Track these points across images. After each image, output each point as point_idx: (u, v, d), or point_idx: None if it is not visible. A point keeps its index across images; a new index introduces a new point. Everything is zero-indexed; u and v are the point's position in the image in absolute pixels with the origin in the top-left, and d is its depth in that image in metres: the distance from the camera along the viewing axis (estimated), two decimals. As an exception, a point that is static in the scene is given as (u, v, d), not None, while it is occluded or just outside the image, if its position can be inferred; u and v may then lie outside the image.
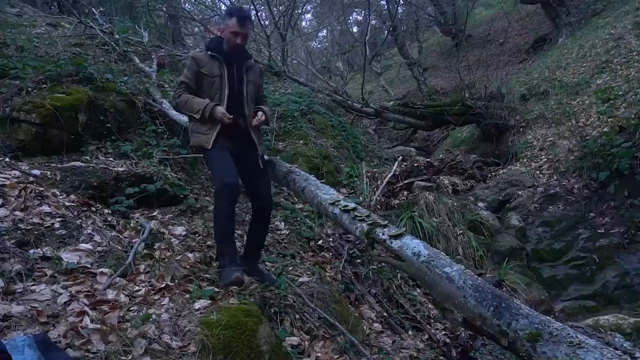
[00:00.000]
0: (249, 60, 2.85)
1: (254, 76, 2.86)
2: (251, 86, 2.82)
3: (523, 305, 2.04)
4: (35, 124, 3.34)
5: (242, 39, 2.70)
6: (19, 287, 1.94)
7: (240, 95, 2.76)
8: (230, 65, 2.74)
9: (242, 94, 2.77)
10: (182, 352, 1.87)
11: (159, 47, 7.66)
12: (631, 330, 3.65)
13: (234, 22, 2.66)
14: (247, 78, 2.80)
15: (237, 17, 2.67)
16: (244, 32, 2.69)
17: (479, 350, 3.36)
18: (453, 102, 8.83)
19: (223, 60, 2.72)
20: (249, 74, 2.83)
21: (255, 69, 2.91)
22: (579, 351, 1.73)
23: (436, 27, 17.72)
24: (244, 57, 2.83)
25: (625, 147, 5.27)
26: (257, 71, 2.92)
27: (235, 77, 2.76)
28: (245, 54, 2.86)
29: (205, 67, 2.72)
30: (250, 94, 2.81)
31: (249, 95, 2.80)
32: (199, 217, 3.48)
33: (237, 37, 2.68)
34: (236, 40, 2.68)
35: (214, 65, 2.72)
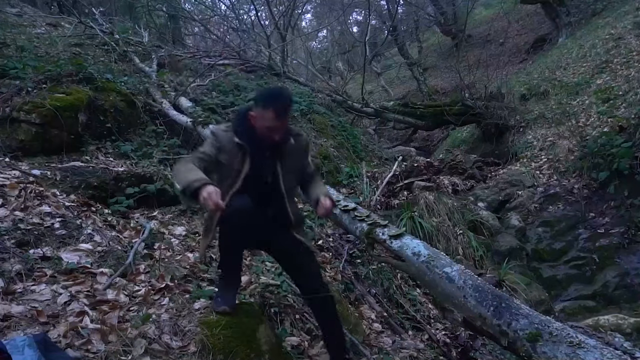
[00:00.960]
0: (288, 142, 2.16)
1: (294, 160, 2.20)
2: (289, 178, 2.18)
3: (523, 305, 2.04)
4: (35, 124, 3.34)
5: (280, 133, 2.06)
6: (19, 287, 1.94)
7: (277, 190, 2.15)
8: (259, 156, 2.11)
9: (279, 189, 2.16)
10: (182, 352, 1.87)
11: (159, 47, 7.66)
12: (631, 330, 3.65)
13: (271, 115, 2.00)
14: (284, 168, 2.15)
15: (275, 110, 1.99)
16: (284, 124, 2.07)
17: (479, 350, 3.36)
18: (453, 102, 8.82)
19: (249, 150, 2.08)
20: (286, 162, 2.16)
21: (299, 146, 2.23)
22: (579, 351, 1.73)
23: (436, 27, 17.71)
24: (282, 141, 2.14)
25: (625, 147, 5.27)
26: (299, 149, 2.24)
27: (267, 170, 2.13)
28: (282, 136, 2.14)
29: (224, 154, 2.10)
30: (289, 186, 2.19)
31: (287, 187, 2.17)
32: (199, 217, 3.48)
33: (274, 133, 2.03)
34: (273, 137, 2.04)
35: (236, 156, 2.08)
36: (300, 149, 2.26)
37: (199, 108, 4.85)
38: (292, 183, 2.23)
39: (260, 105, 2.06)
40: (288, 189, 2.19)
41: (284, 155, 2.17)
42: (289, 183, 2.20)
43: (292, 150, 2.19)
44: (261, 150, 2.11)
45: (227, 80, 6.94)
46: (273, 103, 2.02)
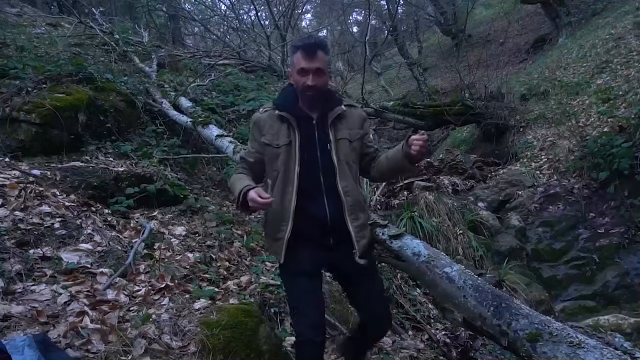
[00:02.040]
0: (337, 107, 1.90)
1: (347, 129, 1.91)
2: (344, 146, 1.88)
3: (523, 305, 2.04)
4: (35, 124, 3.35)
5: (314, 77, 1.79)
6: (19, 287, 1.94)
7: (327, 166, 1.85)
8: (306, 125, 1.86)
9: (330, 163, 1.84)
10: (182, 352, 1.87)
11: (159, 47, 7.67)
12: (631, 330, 3.65)
13: (299, 55, 1.81)
14: (337, 135, 1.87)
15: (302, 48, 1.80)
16: (315, 66, 1.79)
17: (479, 350, 3.36)
18: (453, 102, 8.82)
19: (294, 119, 1.86)
20: (339, 127, 1.89)
21: (351, 117, 1.94)
22: (579, 351, 1.73)
23: (436, 27, 17.71)
24: (329, 105, 1.90)
25: (625, 147, 5.27)
26: (354, 120, 1.95)
27: (317, 140, 1.86)
28: (329, 100, 1.92)
29: (267, 134, 1.88)
30: (346, 157, 1.87)
31: (343, 159, 1.86)
32: (199, 217, 3.48)
33: (306, 75, 1.79)
34: (306, 82, 1.79)
35: (280, 130, 1.87)
36: (357, 117, 1.96)
37: (199, 108, 4.85)
38: (347, 155, 1.89)
39: (290, 53, 1.91)
40: (341, 160, 1.86)
41: (335, 120, 1.89)
42: (343, 153, 1.87)
43: (345, 117, 1.92)
44: (307, 120, 1.87)
45: (227, 80, 6.94)
46: (300, 42, 1.85)
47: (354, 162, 1.93)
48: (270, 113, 1.92)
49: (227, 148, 3.98)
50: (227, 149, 3.96)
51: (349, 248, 1.85)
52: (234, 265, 2.97)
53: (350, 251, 1.84)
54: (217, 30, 12.28)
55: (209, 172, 4.59)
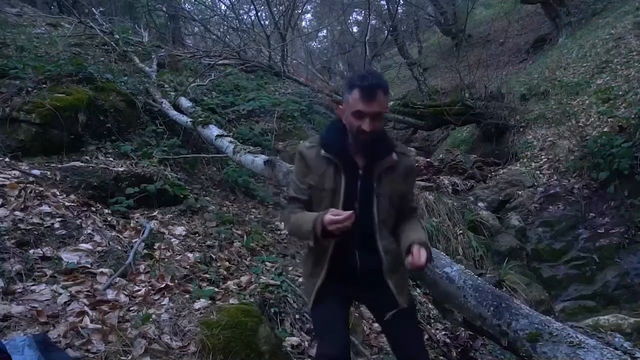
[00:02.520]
0: (387, 158, 1.71)
1: (392, 184, 1.72)
2: (385, 203, 1.71)
3: (523, 305, 2.05)
4: (35, 124, 3.35)
5: (372, 122, 1.61)
6: (19, 287, 1.95)
7: (365, 222, 1.70)
8: (350, 172, 1.70)
9: (369, 219, 1.70)
10: (182, 352, 1.87)
11: (159, 47, 7.67)
12: (631, 330, 3.65)
13: (356, 96, 1.60)
14: (380, 190, 1.70)
15: (362, 89, 1.59)
16: (375, 110, 1.60)
17: (479, 350, 3.36)
18: (453, 102, 8.82)
19: (342, 164, 1.70)
20: (384, 181, 1.70)
21: (399, 170, 1.74)
22: (579, 351, 1.73)
23: (436, 27, 17.72)
24: (379, 153, 1.71)
25: (625, 147, 5.27)
26: (401, 173, 1.75)
27: (358, 192, 1.70)
28: (380, 145, 1.71)
29: (313, 175, 1.73)
30: (385, 216, 1.73)
31: (381, 216, 1.71)
32: (199, 217, 3.48)
33: (363, 119, 1.60)
34: (362, 126, 1.60)
35: (326, 173, 1.70)
36: (404, 171, 1.76)
37: (199, 108, 4.85)
38: (387, 213, 1.74)
39: (346, 89, 1.68)
40: (382, 219, 1.72)
41: (382, 173, 1.71)
42: (384, 212, 1.72)
43: (393, 169, 1.73)
44: (353, 166, 1.71)
45: (227, 80, 6.95)
46: (358, 81, 1.62)
47: (391, 219, 1.78)
48: (317, 151, 1.74)
49: (227, 148, 3.98)
50: (227, 149, 3.97)
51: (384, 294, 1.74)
52: (234, 265, 2.97)
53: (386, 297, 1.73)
54: (217, 30, 12.29)
55: (209, 172, 4.60)
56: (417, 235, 1.68)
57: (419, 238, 1.64)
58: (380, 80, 1.66)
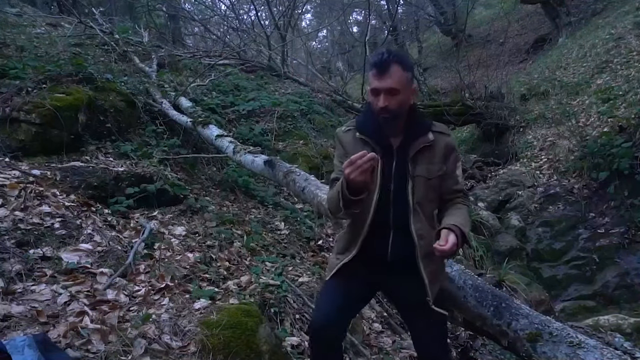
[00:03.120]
0: (422, 137, 1.67)
1: (428, 164, 1.67)
2: (420, 185, 1.65)
3: (523, 305, 2.05)
4: (35, 124, 3.34)
5: (386, 98, 1.58)
6: (19, 287, 1.94)
7: (400, 205, 1.66)
8: (386, 153, 1.65)
9: (404, 202, 1.65)
10: (182, 352, 1.87)
11: (159, 47, 7.67)
12: (631, 330, 3.65)
13: (371, 73, 1.62)
14: (415, 171, 1.65)
15: (374, 65, 1.60)
16: (387, 85, 1.57)
17: (479, 350, 3.36)
18: (453, 102, 8.82)
19: (376, 145, 1.67)
20: (420, 161, 1.66)
21: (437, 149, 1.69)
22: (579, 351, 1.73)
23: (436, 27, 17.71)
24: (414, 133, 1.67)
25: (625, 147, 5.27)
26: (439, 152, 1.69)
27: (393, 174, 1.66)
28: (415, 125, 1.69)
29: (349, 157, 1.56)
30: (421, 198, 1.66)
31: (418, 200, 1.65)
32: (198, 217, 3.48)
33: (377, 96, 1.60)
34: (377, 103, 1.60)
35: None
36: (442, 150, 1.69)
37: (199, 108, 4.85)
38: (424, 195, 1.66)
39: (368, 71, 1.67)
40: (417, 201, 1.65)
41: (418, 153, 1.65)
42: (420, 194, 1.65)
43: (429, 149, 1.67)
44: (387, 147, 1.67)
45: (227, 80, 6.95)
46: (373, 58, 1.63)
47: (431, 202, 1.70)
48: (353, 134, 1.74)
49: (227, 148, 3.98)
50: (227, 149, 3.97)
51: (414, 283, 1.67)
52: (234, 265, 2.97)
53: (416, 287, 1.66)
54: (217, 30, 12.28)
55: (209, 172, 4.60)
56: (453, 219, 1.60)
57: (454, 222, 1.56)
58: (396, 55, 1.60)
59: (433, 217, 1.71)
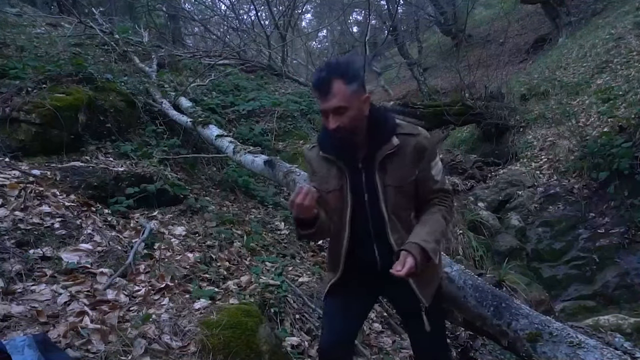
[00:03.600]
0: (386, 145, 1.57)
1: (399, 170, 1.58)
2: (393, 195, 1.59)
3: (523, 305, 2.05)
4: (35, 124, 3.34)
5: (335, 118, 1.49)
6: (19, 287, 1.95)
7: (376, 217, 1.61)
8: (353, 168, 1.60)
9: (379, 214, 1.60)
10: (182, 352, 1.87)
11: (159, 47, 7.67)
12: (631, 330, 3.65)
13: (315, 94, 1.54)
14: (384, 181, 1.58)
15: (313, 85, 1.55)
16: (332, 105, 1.48)
17: (479, 350, 3.36)
18: (453, 102, 8.81)
19: (341, 161, 1.61)
20: (389, 169, 1.58)
21: (406, 152, 1.57)
22: (579, 351, 1.73)
23: (436, 27, 17.71)
24: (377, 142, 1.58)
25: (625, 147, 5.27)
26: (408, 155, 1.57)
27: (364, 188, 1.60)
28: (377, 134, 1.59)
29: (317, 178, 1.67)
30: (396, 208, 1.60)
31: (392, 211, 1.60)
32: (198, 217, 3.48)
33: (327, 117, 1.52)
34: (329, 125, 1.52)
35: (330, 174, 1.64)
36: (412, 153, 1.57)
37: (199, 108, 4.85)
38: (399, 204, 1.60)
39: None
40: (392, 211, 1.59)
41: (385, 161, 1.57)
42: (393, 203, 1.59)
43: (396, 155, 1.56)
44: (353, 162, 1.60)
45: (227, 80, 6.95)
46: (313, 78, 1.54)
47: (406, 209, 1.64)
48: (316, 152, 1.67)
49: (227, 148, 3.98)
50: (227, 149, 3.97)
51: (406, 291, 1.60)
52: (234, 265, 2.97)
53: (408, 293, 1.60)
54: (217, 30, 12.29)
55: (209, 172, 4.60)
56: (416, 233, 1.54)
57: (415, 239, 1.50)
58: (335, 69, 1.48)
59: (410, 222, 1.64)
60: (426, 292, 1.62)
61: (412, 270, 1.45)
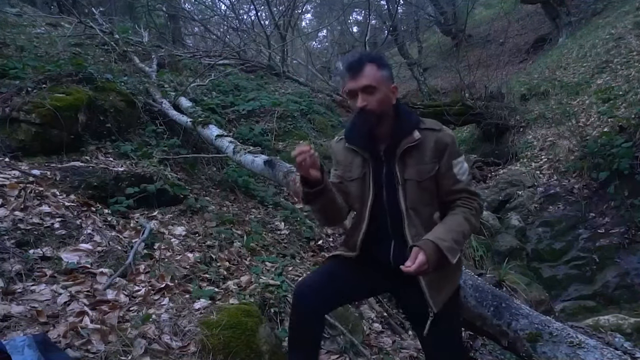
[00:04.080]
0: (408, 137, 1.57)
1: (418, 165, 1.57)
2: (412, 189, 1.57)
3: (523, 306, 2.05)
4: (35, 124, 3.34)
5: (364, 97, 1.52)
6: (19, 287, 1.94)
7: (394, 211, 1.60)
8: (375, 159, 1.62)
9: (396, 208, 1.59)
10: (182, 352, 1.87)
11: (159, 47, 7.67)
12: (631, 330, 3.65)
13: (346, 77, 1.57)
14: (404, 174, 1.57)
15: (346, 67, 1.57)
16: (362, 84, 1.52)
17: (479, 350, 3.36)
18: (453, 102, 8.82)
19: (364, 152, 1.64)
20: (408, 163, 1.57)
21: (426, 147, 1.57)
22: (579, 351, 1.73)
23: (436, 27, 17.71)
24: (400, 133, 1.58)
25: (625, 147, 5.27)
26: (429, 150, 1.57)
27: (384, 179, 1.60)
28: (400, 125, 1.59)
29: (341, 167, 1.72)
30: (414, 203, 1.58)
31: (411, 205, 1.57)
32: (198, 217, 3.48)
33: (355, 97, 1.55)
34: (357, 105, 1.55)
35: (353, 162, 1.67)
36: (433, 148, 1.56)
37: (199, 108, 4.85)
38: (418, 199, 1.57)
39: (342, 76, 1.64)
40: (410, 206, 1.57)
41: (405, 155, 1.56)
42: (413, 198, 1.56)
43: (417, 149, 1.56)
44: (376, 153, 1.62)
45: (227, 80, 6.95)
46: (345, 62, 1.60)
47: (427, 205, 1.59)
48: (343, 144, 1.72)
49: (227, 148, 3.98)
50: (227, 149, 3.97)
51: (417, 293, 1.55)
52: (234, 265, 2.97)
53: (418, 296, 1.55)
54: (217, 30, 12.28)
55: (209, 172, 4.59)
56: (434, 232, 1.50)
57: (432, 236, 1.47)
58: (369, 55, 1.60)
59: (432, 221, 1.59)
60: (437, 298, 1.54)
61: (424, 268, 1.41)
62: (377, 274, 1.70)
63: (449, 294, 1.61)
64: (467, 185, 1.62)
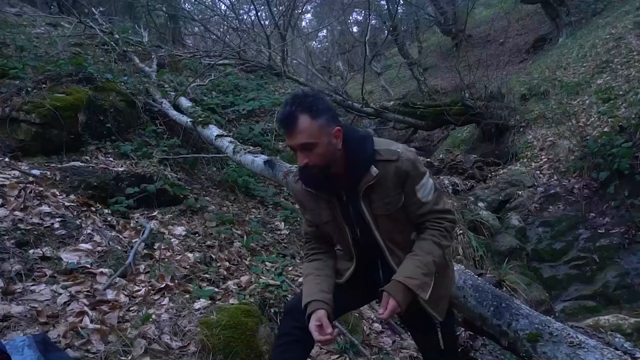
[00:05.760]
0: (366, 176, 1.48)
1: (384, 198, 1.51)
2: (385, 222, 1.54)
3: (523, 306, 2.05)
4: (35, 124, 3.34)
5: (303, 154, 1.44)
6: (19, 287, 1.94)
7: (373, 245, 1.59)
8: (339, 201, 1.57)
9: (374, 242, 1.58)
10: (182, 352, 1.87)
11: (159, 47, 7.67)
12: (631, 330, 3.64)
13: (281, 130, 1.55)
14: (372, 211, 1.52)
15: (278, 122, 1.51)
16: (298, 142, 1.42)
17: (479, 350, 3.36)
18: (453, 102, 8.82)
19: (324, 194, 1.57)
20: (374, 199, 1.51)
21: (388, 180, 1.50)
22: (579, 351, 1.73)
23: (436, 27, 17.70)
24: (356, 173, 1.50)
25: (625, 147, 5.27)
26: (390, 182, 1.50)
27: (353, 219, 1.57)
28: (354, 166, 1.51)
29: (308, 212, 1.66)
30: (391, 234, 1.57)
31: (385, 235, 1.56)
32: (198, 217, 3.48)
33: (296, 154, 1.46)
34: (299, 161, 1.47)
35: (319, 205, 1.60)
36: (393, 179, 1.49)
37: (199, 108, 4.85)
38: (392, 230, 1.55)
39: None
40: (387, 238, 1.56)
41: (368, 192, 1.50)
42: (387, 230, 1.55)
43: (378, 184, 1.49)
44: (337, 193, 1.55)
45: (227, 80, 6.95)
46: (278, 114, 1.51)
47: (401, 232, 1.58)
48: (301, 185, 1.62)
49: (227, 148, 3.98)
50: (227, 149, 3.97)
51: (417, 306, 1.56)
52: (234, 265, 2.97)
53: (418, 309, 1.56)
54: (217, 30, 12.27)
55: (209, 172, 4.60)
56: (403, 269, 1.50)
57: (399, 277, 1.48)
58: (301, 104, 1.41)
59: (410, 242, 1.59)
60: (439, 309, 1.59)
61: (397, 312, 1.46)
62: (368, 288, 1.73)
63: (447, 298, 1.66)
64: (435, 205, 1.56)
